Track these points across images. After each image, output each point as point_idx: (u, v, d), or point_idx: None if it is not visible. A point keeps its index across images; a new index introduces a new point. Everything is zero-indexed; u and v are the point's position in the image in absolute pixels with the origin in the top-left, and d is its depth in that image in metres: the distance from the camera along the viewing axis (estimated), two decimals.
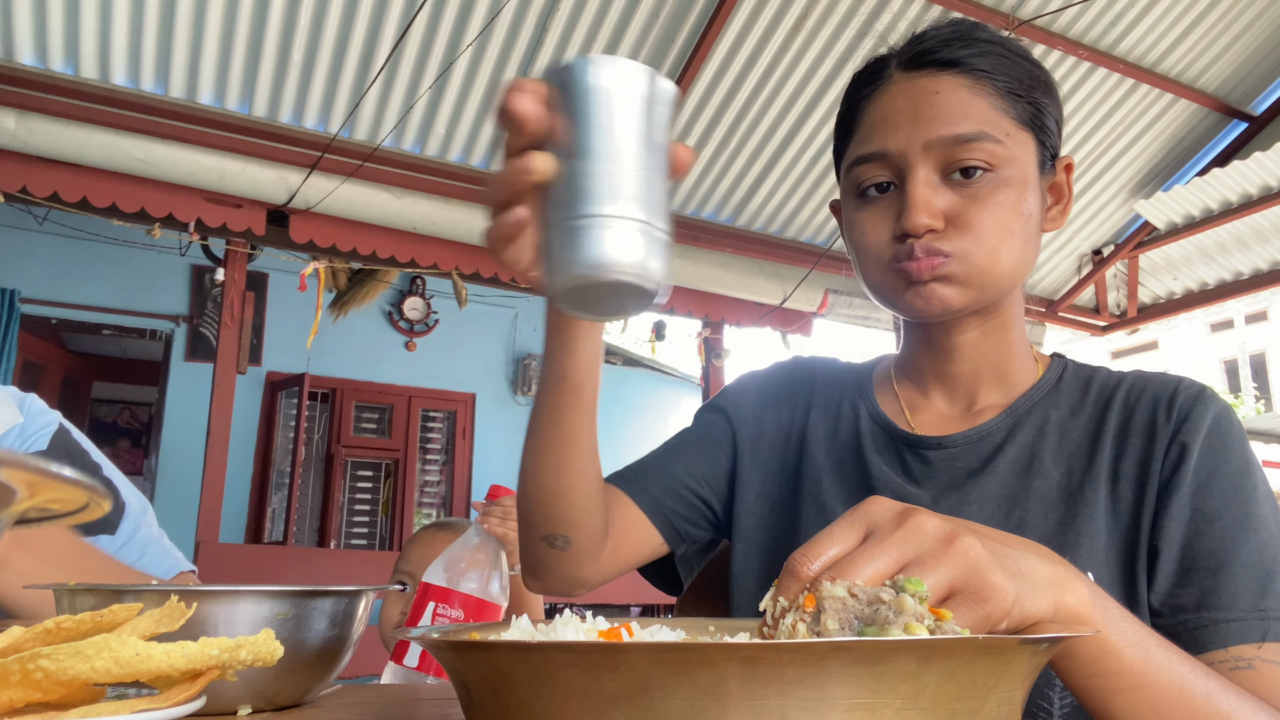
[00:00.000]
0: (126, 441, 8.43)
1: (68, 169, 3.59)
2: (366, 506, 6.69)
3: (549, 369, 0.76)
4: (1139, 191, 5.32)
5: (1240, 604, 0.71)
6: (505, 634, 0.53)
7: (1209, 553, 0.74)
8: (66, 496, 0.38)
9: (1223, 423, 0.81)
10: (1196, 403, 0.82)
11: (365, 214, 4.04)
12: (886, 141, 0.81)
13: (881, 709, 0.36)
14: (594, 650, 0.37)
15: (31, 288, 5.75)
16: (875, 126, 0.83)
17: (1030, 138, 0.82)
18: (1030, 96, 0.82)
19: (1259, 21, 4.60)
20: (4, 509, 0.36)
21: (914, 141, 0.80)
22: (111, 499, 0.38)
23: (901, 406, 0.93)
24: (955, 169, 0.79)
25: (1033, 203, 0.82)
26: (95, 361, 7.74)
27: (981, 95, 0.80)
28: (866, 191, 0.84)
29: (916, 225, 0.78)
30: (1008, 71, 0.82)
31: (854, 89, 0.88)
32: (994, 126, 0.79)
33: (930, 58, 0.82)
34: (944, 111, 0.79)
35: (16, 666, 0.41)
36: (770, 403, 1.01)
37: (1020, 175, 0.81)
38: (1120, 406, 0.85)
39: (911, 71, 0.83)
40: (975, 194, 0.79)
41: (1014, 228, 0.80)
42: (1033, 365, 0.91)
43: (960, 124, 0.79)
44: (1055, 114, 0.85)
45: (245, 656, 0.46)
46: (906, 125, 0.80)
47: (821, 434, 0.96)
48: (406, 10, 3.57)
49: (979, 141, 0.78)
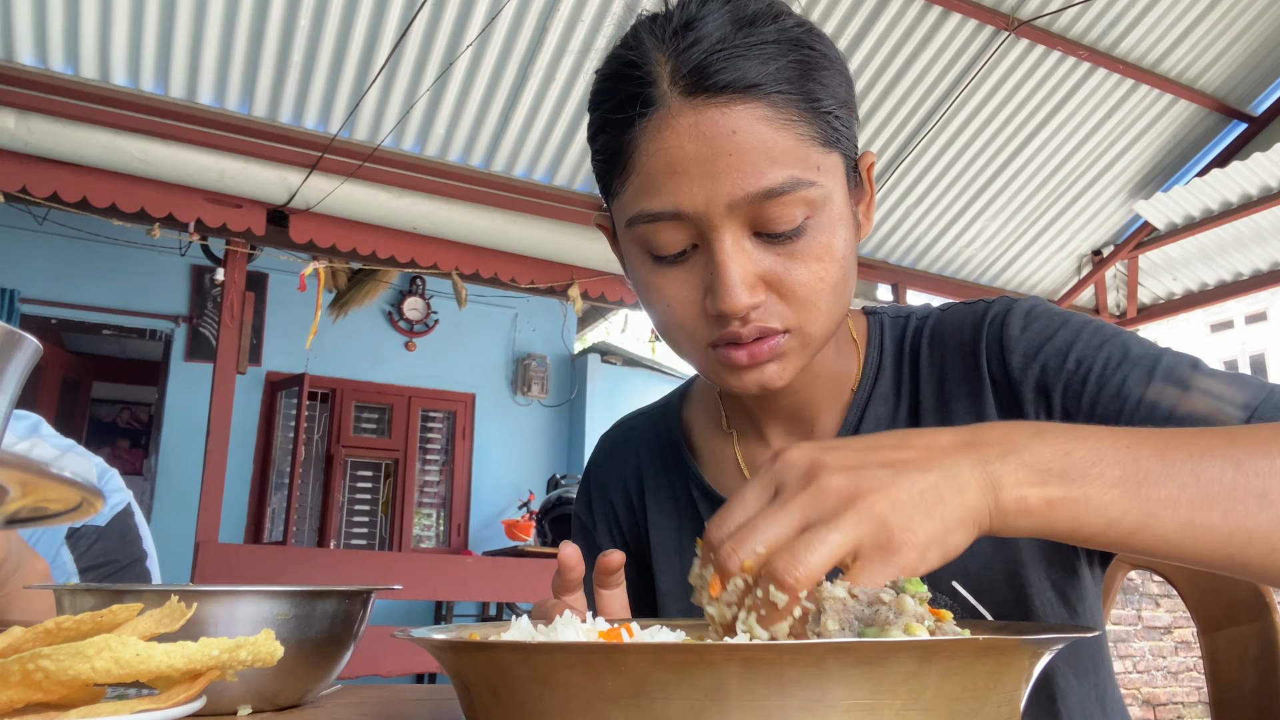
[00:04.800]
0: (126, 442, 8.43)
1: (67, 169, 3.59)
2: (366, 507, 6.69)
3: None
4: (1139, 192, 5.32)
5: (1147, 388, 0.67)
6: (505, 634, 0.53)
7: (1150, 424, 0.67)
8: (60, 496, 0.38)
9: (1030, 319, 0.76)
10: (1002, 330, 0.76)
11: (365, 214, 4.04)
12: (680, 199, 0.66)
13: (881, 710, 0.36)
14: (594, 651, 0.37)
15: (31, 288, 5.75)
16: (660, 176, 0.67)
17: (837, 158, 0.70)
18: (827, 100, 0.68)
19: (1259, 22, 4.61)
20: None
21: (715, 201, 0.65)
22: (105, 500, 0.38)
23: (740, 465, 0.86)
24: (769, 229, 0.67)
25: (849, 232, 0.72)
26: (95, 361, 7.74)
27: (784, 126, 0.66)
28: (661, 256, 0.70)
29: (736, 307, 0.66)
30: (799, 76, 0.67)
31: (615, 109, 0.69)
32: (804, 165, 0.66)
33: (715, 79, 0.65)
34: (746, 160, 0.65)
35: (16, 666, 0.41)
36: (613, 488, 0.96)
37: (837, 210, 0.69)
38: (929, 369, 0.80)
39: (694, 99, 0.65)
40: (796, 251, 0.68)
41: (842, 273, 0.70)
42: (853, 350, 0.84)
43: (768, 173, 0.65)
44: (842, 93, 0.71)
45: (245, 657, 0.46)
46: (702, 178, 0.65)
47: (664, 527, 0.90)
48: (406, 10, 3.57)
49: (793, 192, 0.66)
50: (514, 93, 4.01)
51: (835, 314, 0.71)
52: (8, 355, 0.42)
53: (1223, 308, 8.18)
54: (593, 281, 4.55)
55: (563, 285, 4.51)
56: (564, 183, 4.44)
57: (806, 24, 0.71)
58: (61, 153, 3.53)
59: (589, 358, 7.43)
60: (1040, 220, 5.33)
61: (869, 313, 0.86)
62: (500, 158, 4.26)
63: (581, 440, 7.21)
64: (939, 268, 5.46)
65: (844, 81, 0.71)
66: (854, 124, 0.73)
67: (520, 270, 4.41)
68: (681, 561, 0.88)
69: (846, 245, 0.70)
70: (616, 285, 4.62)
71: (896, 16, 4.09)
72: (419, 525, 6.79)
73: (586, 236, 4.41)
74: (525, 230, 4.29)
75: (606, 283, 4.59)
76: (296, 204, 3.90)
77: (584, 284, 4.53)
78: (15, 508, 0.38)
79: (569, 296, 4.54)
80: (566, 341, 7.56)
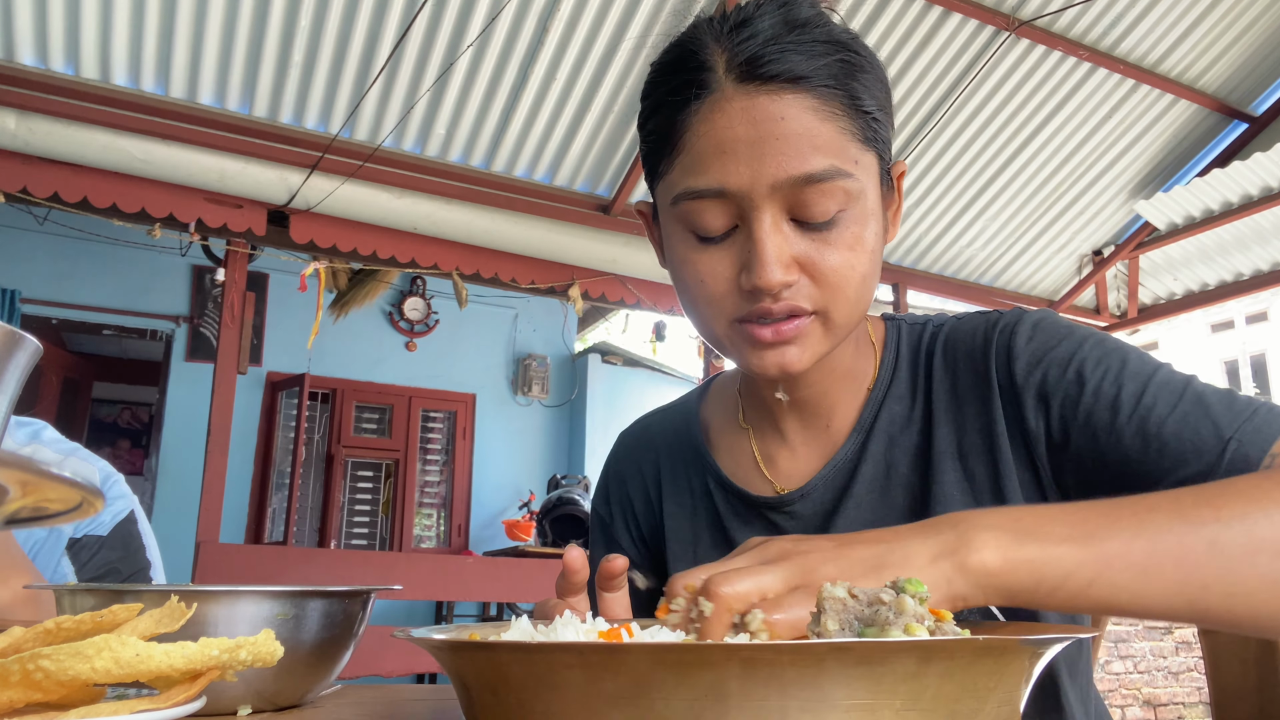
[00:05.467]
0: (127, 442, 8.43)
1: (68, 169, 3.59)
2: (367, 507, 6.69)
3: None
4: (1139, 192, 5.32)
5: (1207, 448, 0.67)
6: (505, 634, 0.53)
7: (1140, 436, 0.69)
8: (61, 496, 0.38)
9: (1037, 330, 0.78)
10: (1011, 338, 0.78)
11: (365, 214, 4.04)
12: (726, 178, 0.70)
13: (881, 710, 0.36)
14: (594, 651, 0.37)
15: (32, 288, 5.76)
16: (709, 155, 0.71)
17: (873, 158, 0.74)
18: (868, 101, 0.72)
19: (1259, 22, 4.60)
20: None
21: (759, 181, 0.69)
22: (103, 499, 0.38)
23: (756, 459, 0.88)
24: (806, 215, 0.70)
25: (879, 229, 0.75)
26: (96, 362, 7.74)
27: (829, 119, 0.70)
28: (702, 234, 0.74)
29: (771, 283, 0.69)
30: (844, 74, 0.71)
31: (671, 93, 0.74)
32: (844, 157, 0.70)
33: (767, 68, 0.69)
34: (791, 144, 0.68)
35: (16, 666, 0.41)
36: (631, 481, 0.98)
37: (870, 205, 0.73)
38: (942, 374, 0.82)
39: (747, 85, 0.70)
40: (830, 238, 0.71)
41: (870, 266, 0.73)
42: (871, 352, 0.86)
43: (810, 159, 0.69)
44: (882, 98, 0.75)
45: (245, 657, 0.46)
46: (749, 159, 0.69)
47: (679, 517, 0.92)
48: (407, 11, 3.57)
49: (832, 180, 0.69)
50: (515, 93, 4.01)
51: (860, 304, 0.74)
52: (8, 355, 0.42)
53: (1223, 308, 8.18)
54: (593, 282, 4.55)
55: (563, 285, 4.51)
56: (564, 183, 4.44)
57: (852, 32, 0.75)
58: (62, 153, 3.53)
59: (589, 358, 7.43)
60: (1041, 220, 5.33)
61: (888, 319, 0.90)
62: (501, 158, 4.26)
63: (582, 440, 7.21)
64: (939, 268, 5.46)
65: (883, 89, 0.75)
66: (890, 130, 0.76)
67: (521, 270, 4.41)
68: (695, 552, 0.90)
69: (876, 240, 0.74)
70: (617, 285, 4.62)
71: (897, 17, 4.09)
72: (419, 525, 6.79)
73: (587, 237, 4.41)
74: (526, 230, 4.29)
75: (607, 283, 4.59)
76: (297, 204, 3.90)
77: (584, 284, 4.53)
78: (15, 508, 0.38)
79: (569, 297, 4.54)
80: (567, 342, 7.56)
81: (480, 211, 4.19)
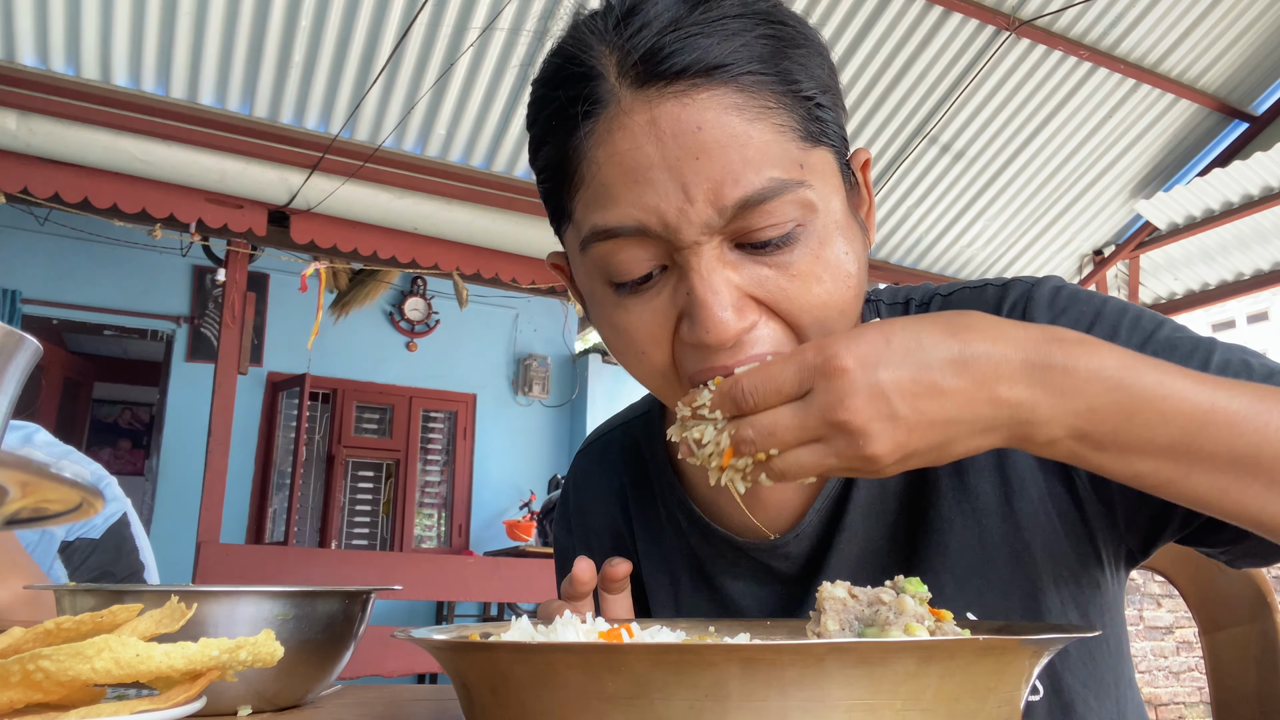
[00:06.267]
0: (127, 442, 8.43)
1: (69, 169, 3.59)
2: (367, 507, 6.69)
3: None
4: (1140, 192, 5.32)
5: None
6: (505, 634, 0.53)
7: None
8: (60, 496, 0.38)
9: (1057, 308, 0.66)
10: (1028, 317, 0.66)
11: (366, 214, 4.04)
12: (642, 213, 0.56)
13: (881, 710, 0.36)
14: (594, 651, 0.37)
15: (33, 288, 5.76)
16: (615, 184, 0.56)
17: (825, 153, 0.60)
18: (806, 83, 0.58)
19: (1259, 22, 4.60)
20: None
21: (684, 215, 0.55)
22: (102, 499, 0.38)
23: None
24: (753, 239, 0.56)
25: (852, 238, 0.61)
26: (96, 362, 7.74)
27: (760, 116, 0.55)
28: (621, 281, 0.59)
29: (723, 336, 0.55)
30: (771, 55, 0.57)
31: (556, 115, 0.59)
32: (787, 162, 0.56)
33: (669, 63, 0.55)
34: (716, 161, 0.54)
35: (16, 667, 0.41)
36: (592, 516, 0.87)
37: (834, 215, 0.59)
38: None
39: (647, 90, 0.55)
40: (789, 263, 0.57)
41: (848, 291, 0.59)
42: None
43: (743, 177, 0.54)
44: (824, 76, 0.60)
45: (245, 657, 0.46)
46: (666, 187, 0.55)
47: (654, 556, 0.81)
48: (407, 11, 3.57)
49: (778, 196, 0.55)
50: (515, 93, 4.01)
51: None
52: (8, 356, 0.42)
53: (1224, 307, 8.16)
54: None
55: (563, 285, 4.51)
56: None
57: (775, 0, 0.61)
58: (63, 153, 3.54)
59: (590, 358, 7.43)
60: (1041, 220, 5.33)
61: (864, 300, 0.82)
62: (501, 158, 4.26)
63: (582, 440, 7.20)
64: (939, 268, 5.46)
65: (824, 63, 0.61)
66: (841, 115, 0.62)
67: (521, 270, 4.41)
68: (675, 592, 0.79)
69: (850, 255, 0.59)
70: None
71: (897, 17, 4.09)
72: (420, 525, 6.79)
73: None
74: (526, 231, 4.29)
75: None
76: (297, 204, 3.91)
77: None
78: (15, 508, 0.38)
79: (570, 297, 4.54)
80: (567, 342, 7.56)
81: (481, 211, 4.20)
